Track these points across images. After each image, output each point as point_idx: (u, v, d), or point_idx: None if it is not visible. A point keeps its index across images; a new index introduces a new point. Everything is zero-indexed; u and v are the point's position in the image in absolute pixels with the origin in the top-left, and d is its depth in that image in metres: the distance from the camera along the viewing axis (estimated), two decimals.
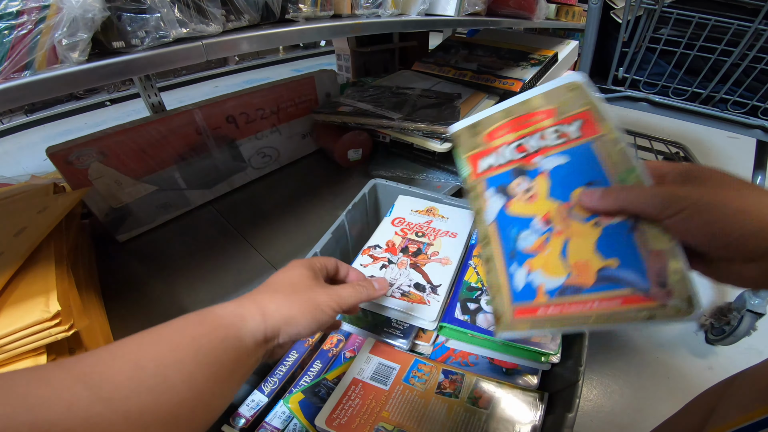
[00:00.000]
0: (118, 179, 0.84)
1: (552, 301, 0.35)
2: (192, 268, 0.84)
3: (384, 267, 0.61)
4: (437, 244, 0.65)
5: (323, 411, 0.46)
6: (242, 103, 0.99)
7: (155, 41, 0.50)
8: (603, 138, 0.35)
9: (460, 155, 0.45)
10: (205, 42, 0.54)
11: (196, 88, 2.19)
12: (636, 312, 0.31)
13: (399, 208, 0.73)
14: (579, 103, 0.37)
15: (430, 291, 0.57)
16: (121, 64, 0.47)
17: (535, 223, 0.38)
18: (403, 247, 0.65)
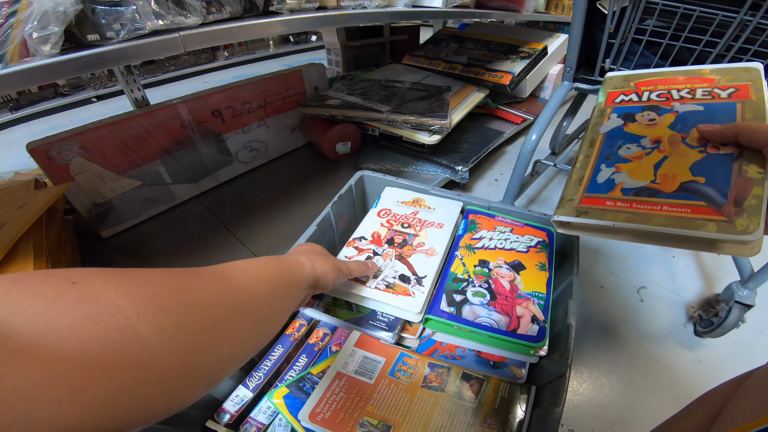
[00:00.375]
0: (101, 174, 0.82)
1: (625, 198, 0.40)
2: (178, 263, 0.82)
3: (369, 258, 0.60)
4: (423, 235, 0.64)
5: (306, 406, 0.45)
6: (228, 96, 0.97)
7: (131, 33, 0.50)
8: (750, 102, 0.41)
9: (603, 89, 0.53)
10: (183, 34, 0.54)
11: (183, 83, 2.16)
12: (701, 221, 0.34)
13: (385, 200, 0.72)
14: (744, 79, 0.44)
15: (415, 282, 0.56)
16: (94, 56, 0.47)
17: (645, 141, 0.44)
18: (388, 239, 0.64)
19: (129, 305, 0.19)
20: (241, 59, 2.43)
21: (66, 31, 0.45)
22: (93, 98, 1.93)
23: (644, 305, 0.82)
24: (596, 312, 0.80)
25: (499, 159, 1.28)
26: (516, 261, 0.60)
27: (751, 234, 0.31)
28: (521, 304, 0.54)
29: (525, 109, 1.35)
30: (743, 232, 0.32)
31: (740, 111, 0.41)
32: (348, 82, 1.22)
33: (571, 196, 0.44)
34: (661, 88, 0.48)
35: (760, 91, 0.41)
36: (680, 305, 0.82)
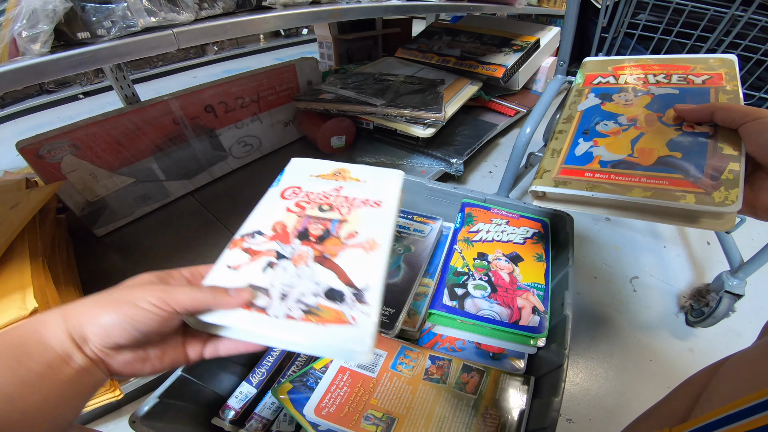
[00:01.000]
0: (93, 172, 0.81)
1: (603, 169, 0.41)
2: (174, 261, 0.82)
3: (270, 266, 0.36)
4: (354, 220, 0.41)
5: (311, 401, 0.46)
6: (221, 92, 0.96)
7: (122, 31, 0.49)
8: (723, 89, 0.43)
9: (582, 72, 0.55)
10: (176, 30, 0.53)
11: (173, 78, 2.12)
12: (680, 193, 0.35)
13: (291, 174, 0.49)
14: (718, 68, 0.46)
15: (353, 299, 0.34)
16: (86, 54, 0.46)
17: (621, 118, 0.45)
18: (300, 231, 0.40)
19: None
20: (231, 54, 2.39)
21: (55, 29, 0.44)
22: (80, 95, 1.89)
23: (637, 295, 0.84)
24: (590, 302, 0.81)
25: (493, 151, 1.29)
26: (514, 253, 0.60)
27: (729, 206, 0.32)
28: (521, 296, 0.55)
29: (518, 102, 1.36)
30: (721, 204, 0.33)
31: (714, 95, 0.43)
32: (341, 76, 1.21)
33: (549, 167, 0.44)
34: (638, 73, 0.51)
35: (734, 80, 0.43)
36: (672, 295, 0.84)
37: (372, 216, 0.42)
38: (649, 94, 0.47)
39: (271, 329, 0.31)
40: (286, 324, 0.32)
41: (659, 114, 0.44)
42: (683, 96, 0.45)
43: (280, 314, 0.32)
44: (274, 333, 0.31)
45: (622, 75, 0.51)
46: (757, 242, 0.92)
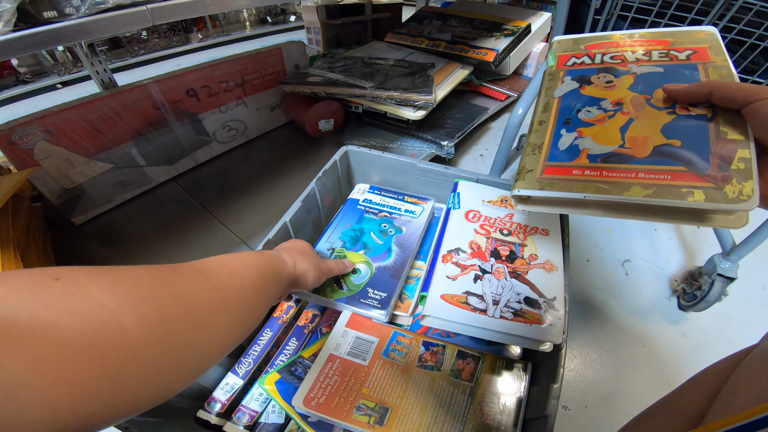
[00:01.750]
0: (69, 158, 0.77)
1: (593, 165, 0.35)
2: (156, 248, 0.79)
3: (478, 279, 0.49)
4: (531, 244, 0.53)
5: (300, 391, 0.44)
6: (203, 76, 0.93)
7: (92, 8, 0.47)
8: (712, 63, 0.38)
9: (553, 53, 0.49)
10: (150, 6, 0.51)
11: (156, 67, 2.06)
12: (686, 189, 0.30)
13: (467, 198, 0.60)
14: (700, 41, 0.41)
15: (547, 306, 0.46)
16: (50, 31, 0.44)
17: (605, 103, 0.40)
18: (491, 251, 0.52)
19: (111, 298, 0.20)
20: (217, 41, 2.33)
21: (19, 8, 0.42)
22: (58, 84, 1.83)
23: (629, 279, 0.83)
24: (584, 286, 0.81)
25: (484, 135, 1.27)
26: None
27: (745, 202, 0.27)
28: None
29: (509, 86, 1.34)
30: (736, 200, 0.28)
31: (703, 72, 0.38)
32: (329, 60, 1.18)
33: (532, 166, 0.39)
34: (614, 50, 0.45)
35: (721, 53, 0.38)
36: (664, 278, 0.83)
37: (544, 243, 0.53)
38: (630, 73, 0.41)
39: (490, 325, 0.45)
40: (502, 323, 0.45)
41: (647, 96, 0.38)
42: (670, 74, 0.39)
43: (497, 315, 0.46)
44: (493, 327, 0.45)
45: (597, 54, 0.45)
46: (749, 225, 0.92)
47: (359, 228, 0.62)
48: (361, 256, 0.58)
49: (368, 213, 0.65)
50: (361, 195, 0.68)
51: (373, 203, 0.66)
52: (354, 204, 0.66)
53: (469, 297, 0.48)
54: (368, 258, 0.58)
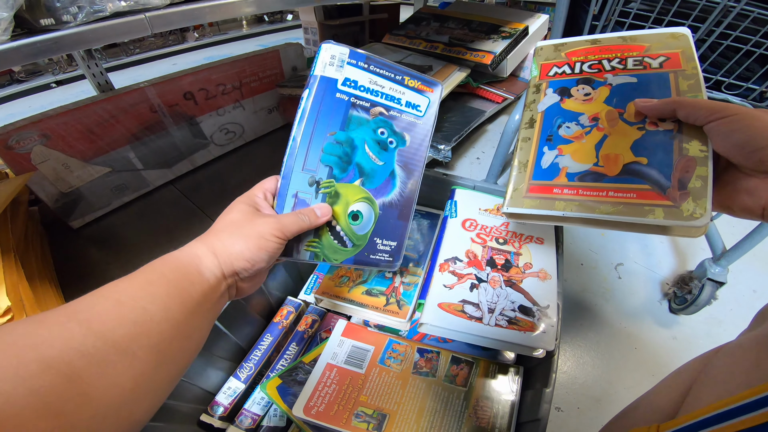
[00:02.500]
0: (66, 162, 0.77)
1: (571, 184, 0.39)
2: (154, 251, 0.79)
3: (474, 287, 0.50)
4: (525, 253, 0.54)
5: (300, 400, 0.45)
6: (200, 79, 0.93)
7: (90, 16, 0.47)
8: (683, 72, 0.39)
9: (536, 61, 0.50)
10: (149, 15, 0.51)
11: (151, 66, 2.05)
12: (648, 207, 0.33)
13: (464, 206, 0.60)
14: (673, 46, 0.42)
15: (540, 314, 0.47)
16: (48, 41, 0.44)
17: (583, 118, 0.42)
18: (487, 259, 0.53)
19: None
20: (213, 40, 2.32)
21: (16, 16, 0.42)
22: (52, 83, 1.82)
23: (622, 282, 0.84)
24: (578, 290, 0.82)
25: (481, 138, 1.28)
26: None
27: (697, 219, 0.31)
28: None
29: (506, 89, 1.35)
30: (689, 217, 0.31)
31: (674, 82, 0.39)
32: None
33: (518, 184, 0.43)
34: (592, 58, 0.46)
35: (692, 60, 0.40)
36: (656, 282, 0.85)
37: (538, 251, 0.54)
38: (607, 84, 0.43)
39: (485, 333, 0.46)
40: (497, 330, 0.46)
41: (620, 110, 0.40)
42: (642, 85, 0.41)
43: (492, 323, 0.46)
44: (489, 335, 0.46)
45: (576, 62, 0.47)
46: (739, 230, 0.93)
47: (347, 139, 0.41)
48: (358, 190, 0.42)
49: (356, 108, 0.41)
50: (338, 72, 0.41)
51: (360, 88, 0.41)
52: (332, 89, 0.40)
53: (465, 305, 0.49)
54: (368, 192, 0.42)
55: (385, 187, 0.44)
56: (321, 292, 0.55)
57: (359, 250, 0.42)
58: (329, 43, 0.41)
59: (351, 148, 0.41)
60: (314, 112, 0.40)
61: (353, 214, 0.42)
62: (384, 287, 0.56)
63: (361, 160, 0.42)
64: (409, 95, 0.44)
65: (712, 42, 0.61)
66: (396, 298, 0.55)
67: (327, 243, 0.41)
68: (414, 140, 0.45)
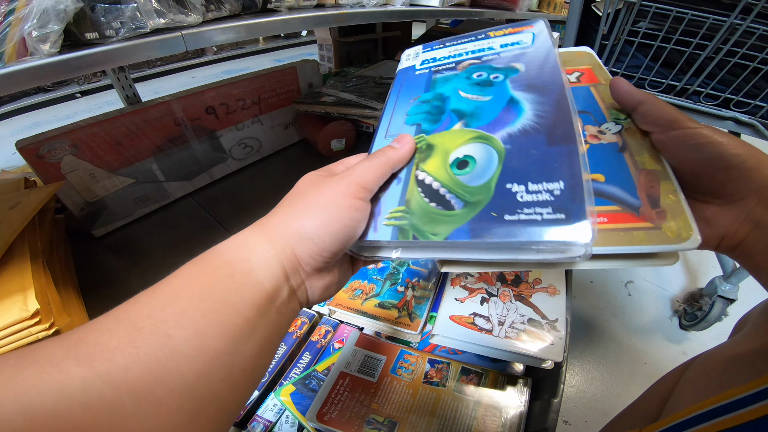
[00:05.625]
0: (93, 172, 0.81)
1: None
2: (172, 262, 0.80)
3: (485, 301, 0.54)
4: (535, 270, 0.57)
5: (313, 406, 0.46)
6: (222, 93, 0.96)
7: (131, 32, 0.49)
8: (601, 85, 0.35)
9: None
10: (184, 33, 0.53)
11: (172, 78, 2.12)
12: (627, 233, 0.26)
13: None
14: (585, 63, 0.38)
15: (549, 327, 0.50)
16: (96, 55, 0.45)
17: None
18: (498, 275, 0.56)
19: None
20: (230, 54, 2.39)
21: (64, 30, 0.44)
22: (77, 93, 1.89)
23: (632, 299, 0.85)
24: (587, 306, 0.82)
25: None
26: None
27: (687, 241, 0.24)
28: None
29: None
30: (678, 239, 0.24)
31: (597, 95, 0.34)
32: (341, 79, 1.22)
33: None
34: None
35: (604, 73, 0.36)
36: (666, 299, 0.85)
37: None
38: None
39: (495, 344, 0.48)
40: (507, 342, 0.48)
41: None
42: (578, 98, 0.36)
43: (502, 335, 0.49)
44: (498, 347, 0.48)
45: None
46: None
47: (435, 95, 0.35)
48: (461, 133, 0.31)
49: (439, 72, 0.37)
50: (414, 59, 0.40)
51: (440, 60, 0.38)
52: (411, 73, 0.39)
53: (476, 318, 0.50)
54: (478, 130, 0.30)
55: (506, 117, 0.30)
56: (335, 305, 0.57)
57: (478, 210, 0.26)
58: (408, 49, 0.42)
59: (441, 100, 0.34)
60: (395, 92, 0.37)
61: (459, 161, 0.29)
62: (396, 300, 0.58)
63: (457, 105, 0.33)
64: (501, 40, 0.37)
65: (720, 60, 0.63)
66: (408, 311, 0.56)
67: (419, 208, 0.27)
68: (531, 65, 0.34)
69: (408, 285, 0.59)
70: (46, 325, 0.50)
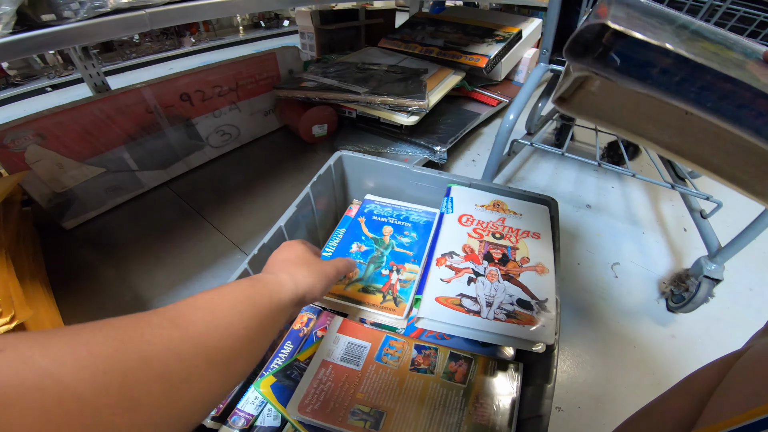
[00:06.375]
0: (60, 162, 0.77)
1: None
2: (148, 253, 0.79)
3: (472, 281, 0.50)
4: (522, 247, 0.55)
5: (294, 397, 0.44)
6: (197, 80, 0.93)
7: (91, 12, 0.47)
8: None
9: None
10: (149, 11, 0.51)
11: (148, 70, 2.05)
12: None
13: (460, 202, 0.61)
14: None
15: (539, 308, 0.48)
16: (50, 35, 0.44)
17: None
18: (484, 254, 0.54)
19: (62, 369, 0.17)
20: (210, 45, 2.32)
21: (18, 12, 0.42)
22: (47, 88, 1.81)
23: (619, 281, 0.84)
24: (575, 289, 0.82)
25: (476, 140, 1.28)
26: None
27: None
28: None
29: (500, 92, 1.36)
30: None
31: None
32: (323, 65, 1.19)
33: None
34: None
35: None
36: (652, 281, 0.85)
37: (536, 245, 0.55)
38: None
39: (484, 326, 0.46)
40: (496, 324, 0.46)
41: None
42: None
43: (490, 317, 0.47)
44: (487, 329, 0.46)
45: None
46: (732, 228, 0.94)
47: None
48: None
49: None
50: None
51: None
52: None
53: (463, 299, 0.48)
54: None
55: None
56: None
57: None
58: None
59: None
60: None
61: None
62: (381, 284, 0.55)
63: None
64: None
65: None
66: (393, 295, 0.54)
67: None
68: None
69: (393, 268, 0.57)
70: (6, 319, 0.48)
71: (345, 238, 0.61)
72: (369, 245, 0.60)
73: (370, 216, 0.65)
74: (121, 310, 0.69)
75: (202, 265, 0.77)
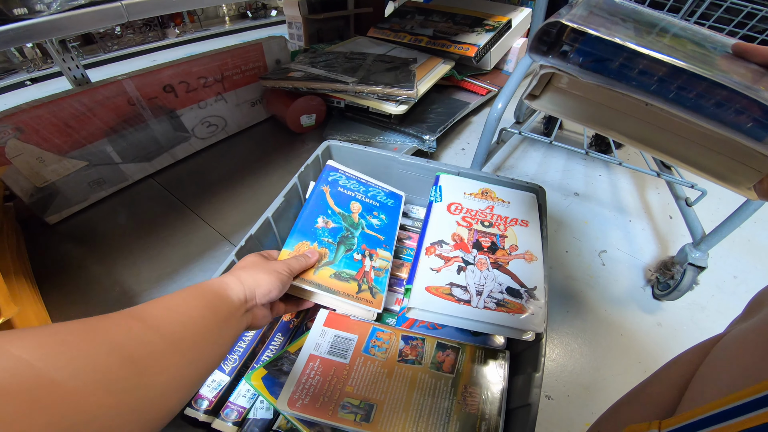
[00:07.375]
0: (41, 156, 0.75)
1: None
2: (133, 247, 0.78)
3: (461, 270, 0.50)
4: (511, 235, 0.55)
5: (283, 393, 0.44)
6: (181, 71, 0.91)
7: (64, 5, 0.46)
8: None
9: None
10: (125, 2, 0.50)
11: (130, 62, 2.00)
12: None
13: (449, 191, 0.61)
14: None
15: (528, 296, 0.48)
16: (20, 29, 0.43)
17: None
18: (473, 242, 0.54)
19: (35, 356, 0.19)
20: (195, 36, 2.27)
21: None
22: (27, 81, 1.76)
23: (606, 269, 0.85)
24: (563, 277, 0.82)
25: (465, 129, 1.28)
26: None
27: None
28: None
29: (489, 81, 1.35)
30: None
31: None
32: (311, 55, 1.17)
33: None
34: None
35: None
36: (639, 268, 0.86)
37: (524, 233, 0.55)
38: None
39: (474, 316, 0.46)
40: (486, 313, 0.46)
41: None
42: None
43: (480, 305, 0.47)
44: (477, 318, 0.46)
45: None
46: (716, 216, 0.95)
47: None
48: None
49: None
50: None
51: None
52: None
53: (453, 288, 0.48)
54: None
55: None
56: None
57: None
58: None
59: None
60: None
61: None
62: (354, 271, 0.53)
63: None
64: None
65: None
66: (368, 284, 0.53)
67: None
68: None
69: (365, 253, 0.55)
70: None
71: (310, 210, 0.56)
72: (337, 221, 0.56)
73: (335, 186, 0.62)
74: (108, 304, 0.68)
75: (190, 258, 0.76)
